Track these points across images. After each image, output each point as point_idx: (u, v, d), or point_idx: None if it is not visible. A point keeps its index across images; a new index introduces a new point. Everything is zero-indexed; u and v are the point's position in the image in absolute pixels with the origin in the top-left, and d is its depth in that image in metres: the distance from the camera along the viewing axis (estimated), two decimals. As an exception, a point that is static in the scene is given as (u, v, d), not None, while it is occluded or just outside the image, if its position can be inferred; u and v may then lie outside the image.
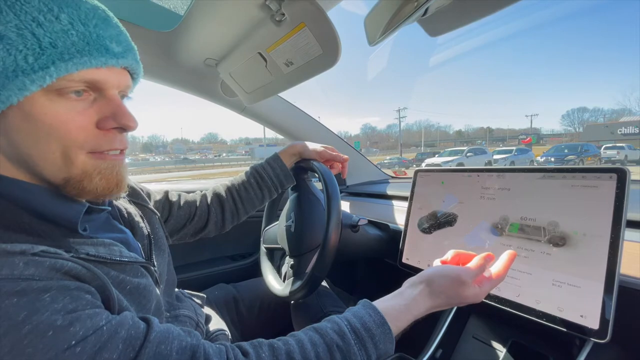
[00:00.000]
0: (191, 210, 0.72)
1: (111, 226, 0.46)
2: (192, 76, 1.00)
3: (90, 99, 0.37)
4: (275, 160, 0.79)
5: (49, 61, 0.31)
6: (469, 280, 0.45)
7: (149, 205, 0.58)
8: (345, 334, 0.40)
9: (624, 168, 0.48)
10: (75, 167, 0.36)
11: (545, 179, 0.56)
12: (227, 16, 0.70)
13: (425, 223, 0.74)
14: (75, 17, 0.33)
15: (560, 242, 0.52)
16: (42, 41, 0.31)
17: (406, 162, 26.07)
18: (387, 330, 0.42)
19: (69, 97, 0.34)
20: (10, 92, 0.31)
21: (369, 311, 0.43)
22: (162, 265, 0.53)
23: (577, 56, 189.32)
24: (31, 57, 0.31)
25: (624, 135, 25.83)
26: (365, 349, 0.40)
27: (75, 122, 0.35)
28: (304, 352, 0.38)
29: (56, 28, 0.32)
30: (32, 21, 0.31)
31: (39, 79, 0.31)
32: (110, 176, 0.39)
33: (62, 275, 0.31)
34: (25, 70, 0.31)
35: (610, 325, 0.44)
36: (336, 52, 0.65)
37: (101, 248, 0.38)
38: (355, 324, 0.41)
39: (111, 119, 0.37)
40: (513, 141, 54.47)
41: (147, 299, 0.41)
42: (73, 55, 0.32)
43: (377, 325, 0.41)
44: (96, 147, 0.37)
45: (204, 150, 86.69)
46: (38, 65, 0.31)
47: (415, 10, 0.53)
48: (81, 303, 0.30)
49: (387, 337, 0.42)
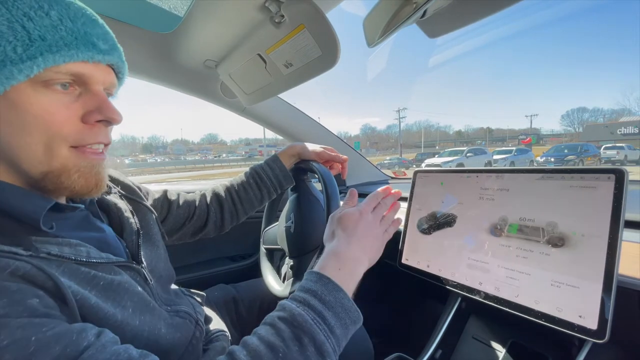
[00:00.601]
0: (190, 210, 0.72)
1: (88, 225, 0.45)
2: (192, 77, 1.01)
3: (75, 93, 0.37)
4: (275, 161, 0.80)
5: (37, 52, 0.33)
6: (367, 209, 0.54)
7: (144, 202, 0.58)
8: (286, 306, 0.40)
9: (622, 169, 0.48)
10: (56, 160, 0.36)
11: (544, 180, 0.57)
12: (226, 18, 0.71)
13: (424, 224, 0.74)
14: (65, 14, 0.35)
15: (559, 243, 0.52)
16: (32, 34, 0.33)
17: (406, 163, 26.08)
18: (326, 281, 0.43)
19: (54, 89, 0.35)
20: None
21: (306, 276, 0.45)
22: (154, 261, 0.53)
23: (576, 56, 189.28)
24: (20, 48, 0.32)
25: (623, 135, 25.84)
26: (310, 307, 0.40)
27: (61, 114, 0.36)
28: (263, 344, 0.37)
29: (46, 23, 0.33)
30: (23, 16, 0.32)
31: (26, 68, 0.32)
32: (89, 175, 0.39)
33: (6, 275, 0.30)
34: (13, 60, 0.32)
35: (609, 325, 0.44)
36: (335, 54, 0.65)
37: (66, 248, 0.37)
38: (294, 294, 0.43)
39: (96, 112, 0.38)
40: (513, 141, 54.49)
41: (121, 295, 0.40)
42: (61, 48, 0.34)
43: (314, 281, 0.43)
44: (80, 141, 0.38)
45: (204, 151, 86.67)
46: (26, 56, 0.32)
47: (413, 12, 0.53)
48: (17, 309, 0.28)
49: (329, 287, 0.42)
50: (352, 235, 0.50)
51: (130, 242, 0.50)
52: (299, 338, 0.37)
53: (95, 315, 0.35)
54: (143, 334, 0.41)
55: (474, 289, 0.61)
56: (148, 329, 0.42)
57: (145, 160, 50.32)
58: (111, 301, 0.38)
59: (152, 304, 0.45)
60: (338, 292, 0.42)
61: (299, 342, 0.37)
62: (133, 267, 0.45)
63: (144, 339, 0.41)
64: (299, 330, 0.37)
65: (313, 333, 0.37)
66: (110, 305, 0.38)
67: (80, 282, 0.36)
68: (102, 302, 0.37)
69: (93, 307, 0.35)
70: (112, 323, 0.37)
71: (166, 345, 0.44)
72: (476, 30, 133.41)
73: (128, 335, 0.39)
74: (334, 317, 0.40)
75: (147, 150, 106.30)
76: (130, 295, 0.41)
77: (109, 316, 0.37)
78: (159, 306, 0.46)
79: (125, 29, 0.75)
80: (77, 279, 0.36)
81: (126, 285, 0.41)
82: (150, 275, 0.49)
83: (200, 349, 0.53)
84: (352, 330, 0.43)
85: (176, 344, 0.46)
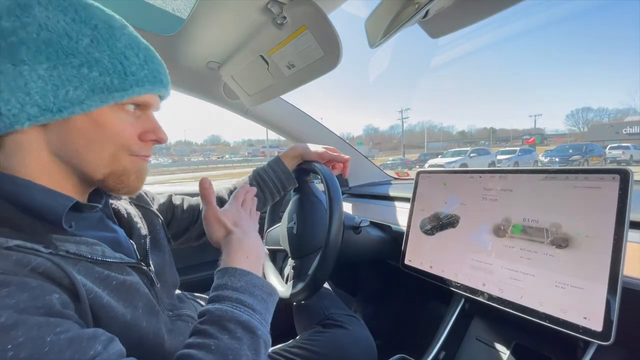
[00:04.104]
0: (194, 214, 0.73)
1: (103, 225, 0.47)
2: (195, 79, 1.01)
3: (137, 115, 0.45)
4: (277, 163, 0.80)
5: (128, 85, 0.40)
6: (238, 204, 0.59)
7: (151, 207, 0.60)
8: (202, 311, 0.42)
9: (626, 169, 0.48)
10: (118, 164, 0.43)
11: (547, 180, 0.56)
12: (229, 19, 0.71)
13: (427, 224, 0.74)
14: (148, 57, 0.43)
15: (563, 244, 0.52)
16: (126, 70, 0.40)
17: (409, 163, 26.01)
18: (232, 271, 0.46)
19: (126, 110, 0.43)
20: (92, 102, 0.38)
21: (215, 276, 0.48)
22: (160, 265, 0.54)
23: (581, 56, 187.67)
24: (116, 80, 0.39)
25: (629, 135, 25.60)
26: (224, 298, 0.43)
27: (127, 131, 0.43)
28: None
29: (136, 62, 0.41)
30: (121, 54, 0.40)
31: (118, 97, 0.40)
32: (142, 176, 0.47)
33: (28, 271, 0.31)
34: (109, 89, 0.39)
35: (614, 327, 0.44)
36: (337, 55, 0.65)
37: (83, 246, 0.39)
38: (210, 296, 0.45)
39: (151, 133, 0.46)
40: (517, 141, 54.19)
41: (133, 295, 0.41)
42: (144, 83, 0.42)
43: (221, 277, 0.46)
44: (137, 152, 0.45)
45: (207, 152, 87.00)
46: (121, 87, 0.40)
47: (416, 13, 0.53)
48: (36, 305, 0.30)
49: (236, 275, 0.46)
50: (244, 226, 0.54)
51: (139, 244, 0.51)
52: (225, 326, 0.40)
53: (106, 314, 0.36)
54: (149, 336, 0.42)
55: (478, 290, 0.61)
56: (153, 332, 0.43)
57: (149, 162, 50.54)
58: (122, 301, 0.39)
59: (157, 307, 0.46)
60: (246, 276, 0.46)
61: (226, 330, 0.39)
62: (142, 268, 0.47)
63: (149, 340, 0.42)
64: (222, 321, 0.40)
65: (236, 317, 0.40)
66: (122, 305, 0.39)
67: (95, 280, 0.37)
68: (114, 302, 0.38)
69: (105, 306, 0.36)
70: (121, 323, 0.38)
71: (169, 349, 0.45)
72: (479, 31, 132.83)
73: (135, 337, 0.40)
74: (250, 296, 0.44)
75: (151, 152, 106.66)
76: (140, 297, 0.43)
77: (119, 316, 0.38)
78: (161, 311, 0.47)
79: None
80: (91, 278, 0.37)
81: (137, 286, 0.43)
82: (156, 279, 0.50)
83: None
84: (272, 300, 0.47)
85: (178, 348, 0.47)
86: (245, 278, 0.46)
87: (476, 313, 0.69)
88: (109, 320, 0.37)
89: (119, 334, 0.35)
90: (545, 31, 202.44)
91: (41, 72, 0.36)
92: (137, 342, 0.40)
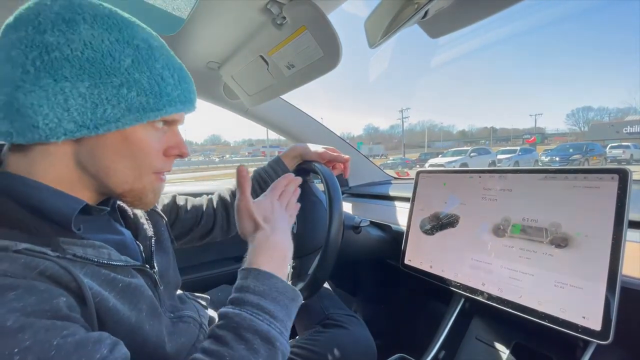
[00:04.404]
0: (198, 215, 0.73)
1: (110, 228, 0.47)
2: (195, 79, 0.99)
3: (163, 131, 0.45)
4: (277, 163, 0.80)
5: (162, 105, 0.41)
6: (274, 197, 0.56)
7: (156, 208, 0.60)
8: (222, 313, 0.41)
9: (625, 169, 0.48)
10: (140, 182, 0.44)
11: (547, 180, 0.56)
12: (229, 20, 0.71)
13: (427, 224, 0.74)
14: (181, 76, 0.44)
15: (562, 244, 0.52)
16: (162, 91, 0.41)
17: (409, 163, 25.99)
18: (256, 273, 0.45)
19: (156, 127, 0.43)
20: (127, 120, 0.39)
21: (238, 275, 0.46)
22: (164, 266, 0.54)
23: (581, 55, 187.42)
24: (152, 100, 0.40)
25: (629, 134, 25.57)
26: (245, 303, 0.41)
27: (154, 147, 0.44)
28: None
29: (171, 82, 0.42)
30: (158, 75, 0.40)
31: (152, 116, 0.41)
32: (158, 194, 0.48)
33: (36, 275, 0.31)
34: (145, 108, 0.40)
35: (613, 326, 0.44)
36: (337, 55, 0.65)
37: (90, 250, 0.38)
38: (231, 296, 0.44)
39: (176, 148, 0.47)
40: (517, 141, 54.13)
41: (137, 298, 0.41)
42: (176, 104, 0.43)
43: (244, 278, 0.45)
44: (160, 169, 0.46)
45: (208, 152, 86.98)
46: (155, 107, 0.40)
47: (415, 13, 0.53)
48: (44, 308, 0.30)
49: (259, 278, 0.44)
50: (275, 224, 0.52)
51: (145, 246, 0.51)
52: (242, 336, 0.39)
53: (111, 318, 0.36)
54: (151, 339, 0.42)
55: (477, 289, 0.61)
56: (155, 334, 0.43)
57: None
58: (128, 304, 0.39)
59: (159, 309, 0.46)
60: (270, 279, 0.44)
61: (243, 339, 0.38)
62: (147, 271, 0.47)
63: (151, 343, 0.42)
64: (239, 329, 0.39)
65: (254, 326, 0.39)
66: (127, 308, 0.39)
67: (101, 283, 0.37)
68: (119, 305, 0.38)
69: (111, 309, 0.36)
70: (126, 326, 0.38)
71: (170, 351, 0.45)
72: (478, 30, 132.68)
73: (138, 340, 0.40)
74: (272, 302, 0.42)
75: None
76: (144, 299, 0.42)
77: (125, 319, 0.38)
78: (163, 313, 0.47)
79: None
80: (98, 281, 0.37)
81: (141, 289, 0.43)
82: (160, 281, 0.50)
83: None
84: (294, 306, 0.46)
85: (180, 349, 0.47)
86: (269, 282, 0.44)
87: (476, 313, 0.69)
88: (114, 323, 0.37)
89: (124, 337, 0.35)
90: (545, 30, 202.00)
91: (82, 90, 0.36)
92: (140, 344, 0.40)
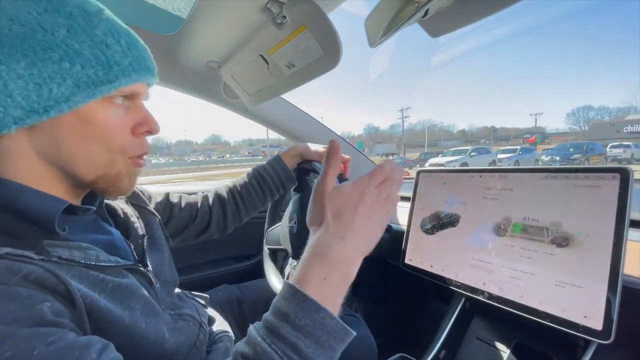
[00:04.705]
0: (192, 212, 0.73)
1: (97, 228, 0.46)
2: (195, 79, 1.01)
3: (125, 106, 0.42)
4: (277, 162, 0.80)
5: (114, 76, 0.38)
6: (371, 186, 0.40)
7: (148, 207, 0.59)
8: (252, 339, 0.34)
9: (627, 168, 0.48)
10: (114, 167, 0.41)
11: (547, 179, 0.56)
12: (229, 19, 0.71)
13: (427, 224, 0.74)
14: (130, 42, 0.40)
15: (563, 243, 0.52)
16: (110, 59, 0.37)
17: (409, 162, 25.98)
18: (302, 299, 0.34)
19: (115, 103, 0.40)
20: (79, 98, 0.36)
21: (282, 290, 0.37)
22: (158, 264, 0.53)
23: (582, 54, 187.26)
24: (101, 72, 0.37)
25: (630, 133, 25.54)
26: (279, 337, 0.33)
27: (118, 126, 0.40)
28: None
29: (119, 50, 0.38)
30: (101, 42, 0.37)
31: (105, 90, 0.37)
32: (134, 178, 0.45)
33: (18, 280, 0.30)
34: (95, 82, 0.36)
35: (614, 325, 0.44)
36: (337, 54, 0.65)
37: (76, 251, 0.37)
38: (265, 316, 0.36)
39: (144, 124, 0.43)
40: (517, 140, 54.10)
41: (129, 298, 0.40)
42: (131, 72, 0.39)
43: (288, 299, 0.35)
44: (134, 153, 0.43)
45: (208, 152, 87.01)
46: (106, 79, 0.37)
47: (415, 12, 0.53)
48: (25, 315, 0.28)
49: (305, 308, 0.34)
50: (349, 226, 0.38)
51: (137, 245, 0.50)
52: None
53: (104, 319, 0.36)
54: (149, 338, 0.41)
55: (478, 289, 0.61)
56: (153, 332, 0.42)
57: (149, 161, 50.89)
58: (120, 304, 0.39)
59: (157, 307, 0.45)
60: (318, 312, 0.34)
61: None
62: (139, 270, 0.46)
63: (149, 342, 0.41)
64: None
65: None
66: (119, 308, 0.38)
67: (90, 285, 0.36)
68: (111, 305, 0.37)
69: (102, 310, 0.35)
70: (120, 326, 0.37)
71: (170, 349, 0.44)
72: (479, 29, 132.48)
73: (135, 339, 0.39)
74: (313, 343, 0.33)
75: (151, 151, 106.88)
76: (138, 298, 0.42)
77: (117, 319, 0.37)
78: (162, 310, 0.47)
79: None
80: (86, 283, 0.36)
81: (134, 288, 0.42)
82: (155, 279, 0.49)
83: (204, 351, 0.54)
84: (341, 347, 0.36)
85: (180, 347, 0.47)
86: (316, 315, 0.33)
87: (476, 312, 0.69)
88: (108, 324, 0.36)
89: (120, 337, 0.35)
90: (546, 30, 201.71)
91: (20, 70, 0.33)
92: (137, 343, 0.39)
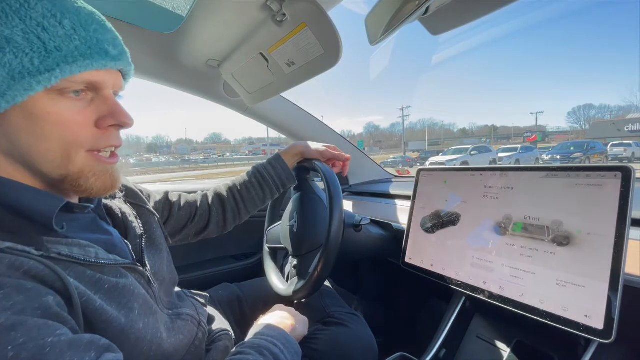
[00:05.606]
0: (192, 211, 0.72)
1: (96, 227, 0.46)
2: (195, 77, 1.01)
3: (88, 99, 0.38)
4: (277, 160, 0.80)
5: (54, 64, 0.33)
6: None
7: (147, 206, 0.58)
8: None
9: (628, 166, 0.47)
10: (73, 165, 0.38)
11: (548, 178, 0.56)
12: (228, 17, 0.71)
13: (428, 222, 0.74)
14: (77, 22, 0.35)
15: (564, 242, 0.51)
16: (48, 45, 0.33)
17: (410, 161, 25.96)
18: (286, 343, 0.50)
19: (68, 96, 0.36)
20: (16, 92, 0.32)
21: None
22: (157, 264, 0.53)
23: (583, 52, 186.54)
24: (37, 60, 0.32)
25: (631, 132, 25.47)
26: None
27: (75, 120, 0.37)
28: None
29: (60, 33, 0.34)
30: (37, 26, 0.32)
31: (44, 80, 0.33)
32: (105, 177, 0.41)
33: (21, 274, 0.30)
34: (31, 72, 0.32)
35: (615, 325, 0.44)
36: (337, 52, 0.65)
37: (75, 249, 0.37)
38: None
39: (110, 117, 0.39)
40: (518, 139, 54.04)
41: (127, 298, 0.40)
42: (76, 59, 0.34)
43: (273, 343, 0.48)
44: (95, 146, 0.39)
45: (208, 151, 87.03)
46: (44, 67, 0.33)
47: (416, 9, 0.53)
48: (33, 306, 0.29)
49: (288, 346, 0.50)
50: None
51: (135, 245, 0.50)
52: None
53: (99, 318, 0.36)
54: (146, 337, 0.41)
55: (478, 288, 0.61)
56: (151, 332, 0.42)
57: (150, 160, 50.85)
58: (116, 304, 0.38)
59: (155, 307, 0.45)
60: (295, 346, 0.53)
61: None
62: (138, 269, 0.46)
63: (147, 342, 0.41)
64: None
65: None
66: (115, 308, 0.38)
67: (87, 284, 0.36)
68: (106, 305, 0.37)
69: (98, 310, 0.35)
70: (116, 326, 0.37)
71: (168, 348, 0.44)
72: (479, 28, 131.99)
73: (131, 340, 0.39)
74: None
75: (152, 150, 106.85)
76: (136, 298, 0.41)
77: (113, 319, 0.37)
78: (160, 310, 0.46)
79: (127, 30, 0.75)
80: (83, 281, 0.36)
81: (131, 288, 0.41)
82: (153, 279, 0.49)
83: (203, 350, 0.54)
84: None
85: (178, 347, 0.46)
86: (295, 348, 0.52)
87: (477, 311, 0.69)
88: (103, 323, 0.36)
89: (115, 338, 0.35)
90: (547, 28, 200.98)
91: None
92: (134, 344, 0.39)
